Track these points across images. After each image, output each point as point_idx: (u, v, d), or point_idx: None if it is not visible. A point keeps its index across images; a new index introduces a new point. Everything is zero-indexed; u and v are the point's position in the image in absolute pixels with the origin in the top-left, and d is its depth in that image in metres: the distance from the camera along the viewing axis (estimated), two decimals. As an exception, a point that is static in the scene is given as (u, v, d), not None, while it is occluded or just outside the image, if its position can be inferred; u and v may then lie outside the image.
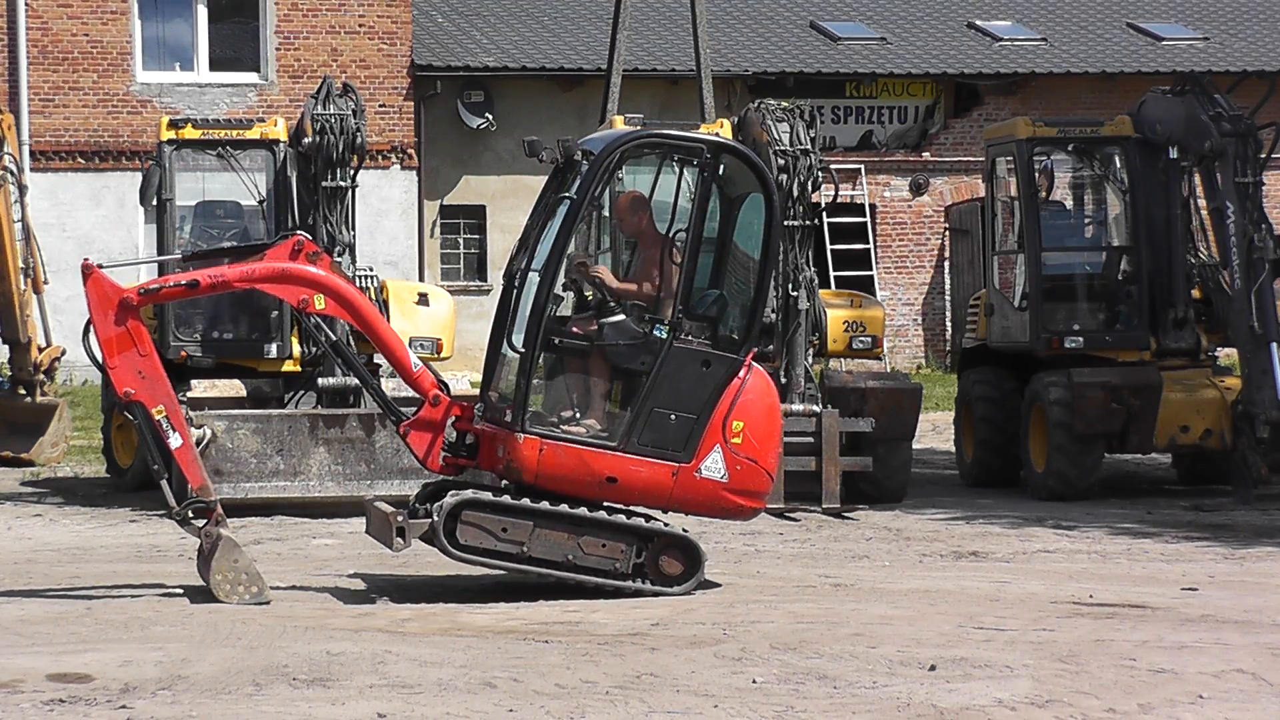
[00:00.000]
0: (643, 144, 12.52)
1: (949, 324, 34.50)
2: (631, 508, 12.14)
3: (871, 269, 33.06)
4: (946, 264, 34.67)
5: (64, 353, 21.93)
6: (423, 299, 18.42)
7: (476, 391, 17.59)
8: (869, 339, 18.14)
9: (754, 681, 9.22)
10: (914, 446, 18.45)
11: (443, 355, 18.26)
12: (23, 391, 21.35)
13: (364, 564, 13.60)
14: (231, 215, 18.73)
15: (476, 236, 33.70)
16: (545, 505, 11.91)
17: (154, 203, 18.20)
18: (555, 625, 10.88)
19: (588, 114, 31.45)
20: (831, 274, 31.51)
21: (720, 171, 12.13)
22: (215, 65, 32.15)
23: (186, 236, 18.54)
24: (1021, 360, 18.93)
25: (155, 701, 8.78)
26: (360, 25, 32.26)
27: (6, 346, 21.36)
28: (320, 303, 12.21)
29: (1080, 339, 18.51)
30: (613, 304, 12.11)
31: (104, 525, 16.49)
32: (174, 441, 12.06)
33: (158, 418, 12.02)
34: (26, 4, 31.28)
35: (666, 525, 12.15)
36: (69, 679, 9.23)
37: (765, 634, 10.50)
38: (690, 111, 28.09)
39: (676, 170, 12.18)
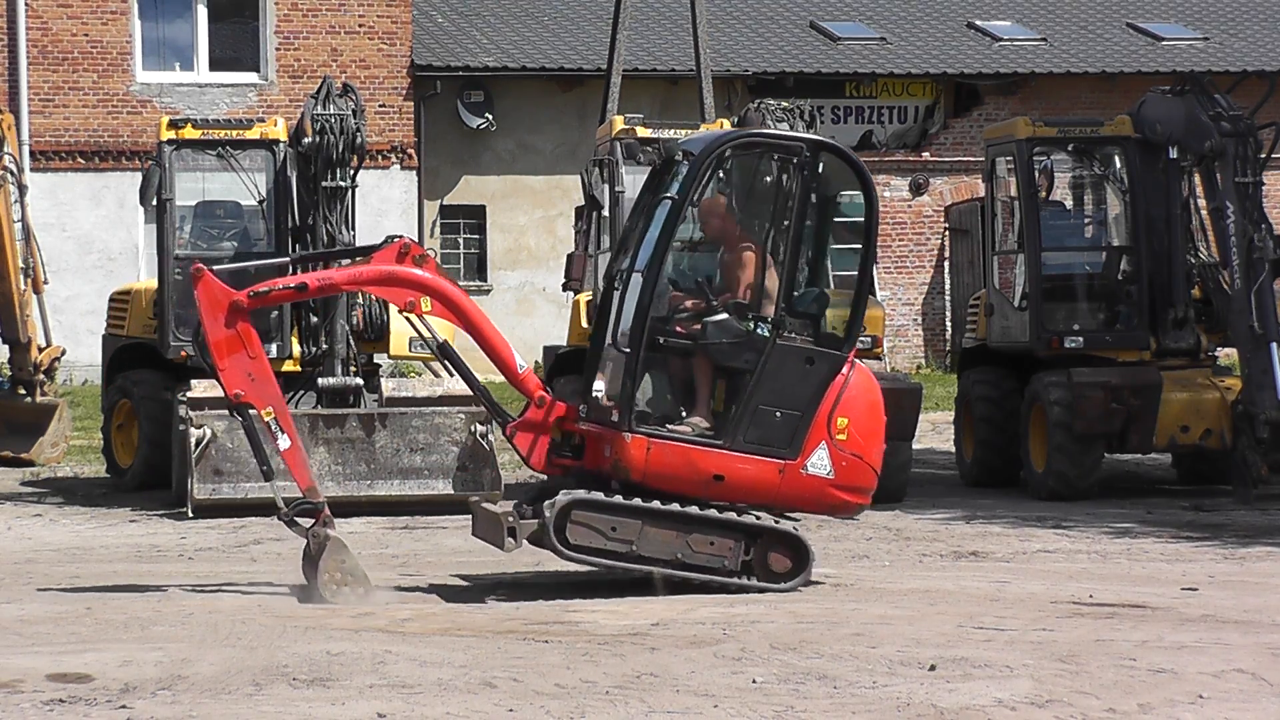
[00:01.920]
0: (743, 143, 12.67)
1: (949, 324, 34.50)
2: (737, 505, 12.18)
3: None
4: (946, 264, 34.69)
5: (64, 353, 21.94)
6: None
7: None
8: (869, 339, 18.10)
9: (754, 681, 9.22)
10: (914, 446, 18.44)
11: (443, 355, 18.25)
12: (23, 391, 21.35)
13: (364, 564, 13.58)
14: (231, 215, 18.72)
15: (476, 236, 33.71)
16: (655, 504, 11.95)
17: (154, 203, 18.19)
18: (555, 625, 10.88)
19: (588, 114, 31.48)
20: (831, 274, 31.45)
21: (819, 169, 12.20)
22: (215, 65, 32.16)
23: (186, 237, 18.54)
24: (1021, 360, 18.93)
25: (155, 701, 8.78)
26: (360, 25, 32.27)
27: (6, 346, 21.36)
28: (426, 305, 12.26)
29: (1080, 339, 18.50)
30: (715, 303, 12.17)
31: (104, 525, 16.49)
32: (283, 443, 12.11)
33: (267, 419, 12.07)
34: (26, 4, 31.29)
35: (775, 522, 12.19)
36: (69, 679, 9.23)
37: (765, 634, 10.50)
38: (690, 111, 28.11)
39: (776, 169, 12.26)
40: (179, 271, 18.10)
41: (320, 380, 17.56)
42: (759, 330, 12.10)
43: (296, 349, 18.05)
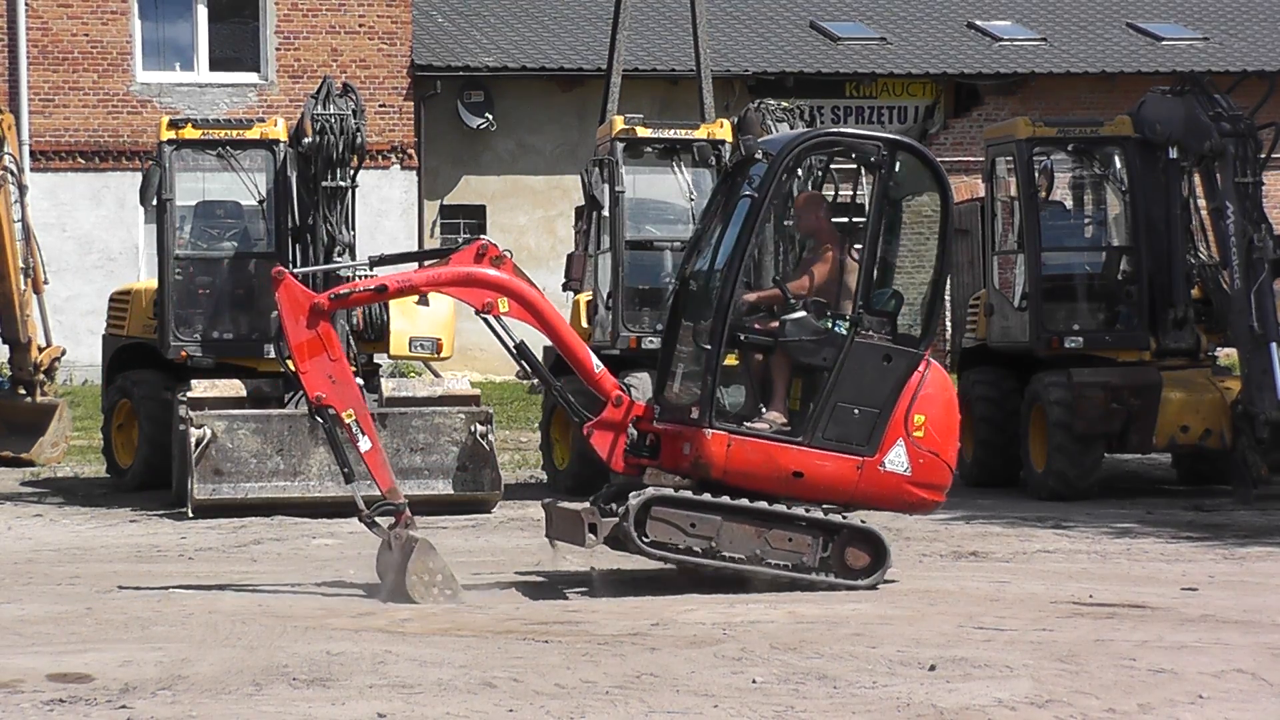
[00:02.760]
0: (822, 143, 12.79)
1: (949, 324, 34.50)
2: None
3: (871, 269, 33.01)
4: (946, 264, 34.64)
5: (64, 353, 21.94)
6: (423, 299, 18.39)
7: (477, 391, 17.66)
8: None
9: (754, 681, 9.22)
10: (914, 446, 18.43)
11: (443, 355, 18.27)
12: (23, 391, 21.35)
13: (364, 564, 13.58)
14: (231, 215, 18.72)
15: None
16: (732, 500, 11.99)
17: (154, 203, 18.19)
18: (555, 625, 10.88)
19: (588, 114, 31.46)
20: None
21: (896, 169, 12.29)
22: (215, 65, 32.16)
23: (186, 237, 18.54)
24: (1021, 360, 18.93)
25: (155, 701, 8.78)
26: (360, 25, 32.27)
27: (6, 346, 21.36)
28: (504, 306, 12.30)
29: (1080, 339, 18.51)
30: (793, 300, 12.22)
31: (104, 525, 16.49)
32: (364, 445, 12.14)
33: (348, 421, 12.09)
34: (26, 4, 31.29)
35: (851, 519, 12.25)
36: (69, 679, 9.23)
37: (765, 634, 10.50)
38: (690, 111, 28.09)
39: (854, 168, 12.37)
40: (179, 271, 18.11)
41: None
42: (837, 328, 12.20)
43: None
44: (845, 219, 12.69)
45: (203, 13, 32.03)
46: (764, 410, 12.33)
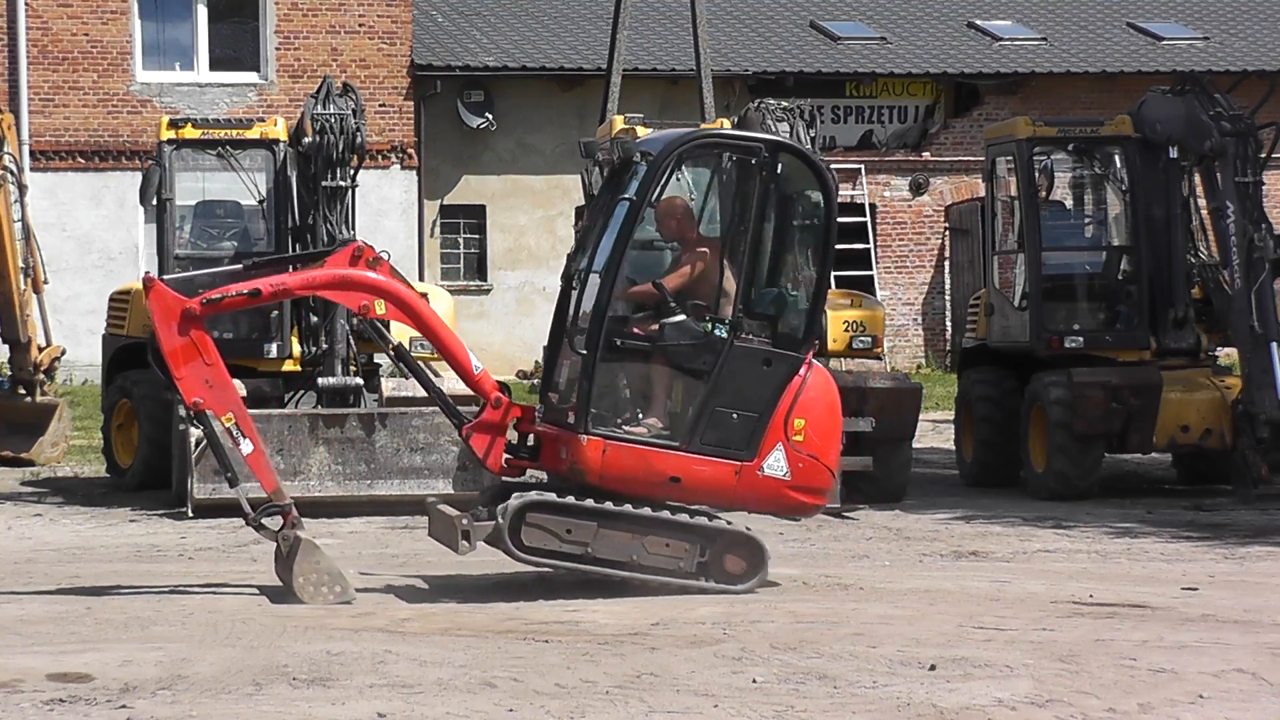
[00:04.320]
0: (701, 144, 12.60)
1: (949, 324, 34.50)
2: (693, 507, 12.17)
3: (871, 269, 33.05)
4: (946, 264, 34.69)
5: (64, 352, 21.93)
6: (423, 299, 18.40)
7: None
8: (869, 339, 18.13)
9: (754, 681, 9.22)
10: (914, 446, 18.45)
11: (443, 355, 18.24)
12: (23, 391, 21.34)
13: (364, 564, 13.60)
14: (231, 215, 18.72)
15: (476, 236, 33.71)
16: (609, 506, 11.94)
17: (154, 202, 18.20)
18: (555, 625, 10.88)
19: (588, 114, 31.47)
20: (831, 274, 31.43)
21: (778, 170, 12.17)
22: (215, 65, 32.16)
23: (186, 236, 18.54)
24: (1021, 360, 18.92)
25: (155, 701, 8.78)
26: (360, 25, 32.27)
27: (6, 346, 21.35)
28: (380, 308, 12.26)
29: (1080, 339, 18.50)
30: (673, 304, 12.14)
31: (104, 525, 16.49)
32: (245, 448, 12.10)
33: (227, 425, 12.06)
34: (26, 4, 31.29)
35: (729, 524, 12.18)
36: (69, 679, 9.23)
37: (765, 634, 10.50)
38: (690, 111, 28.10)
39: (734, 169, 12.22)
40: (179, 272, 18.10)
41: (320, 380, 17.55)
42: (716, 331, 12.06)
43: (296, 349, 18.05)
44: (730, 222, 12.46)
45: (203, 13, 32.03)
46: (641, 415, 12.22)
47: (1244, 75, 31.27)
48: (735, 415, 12.04)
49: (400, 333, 14.70)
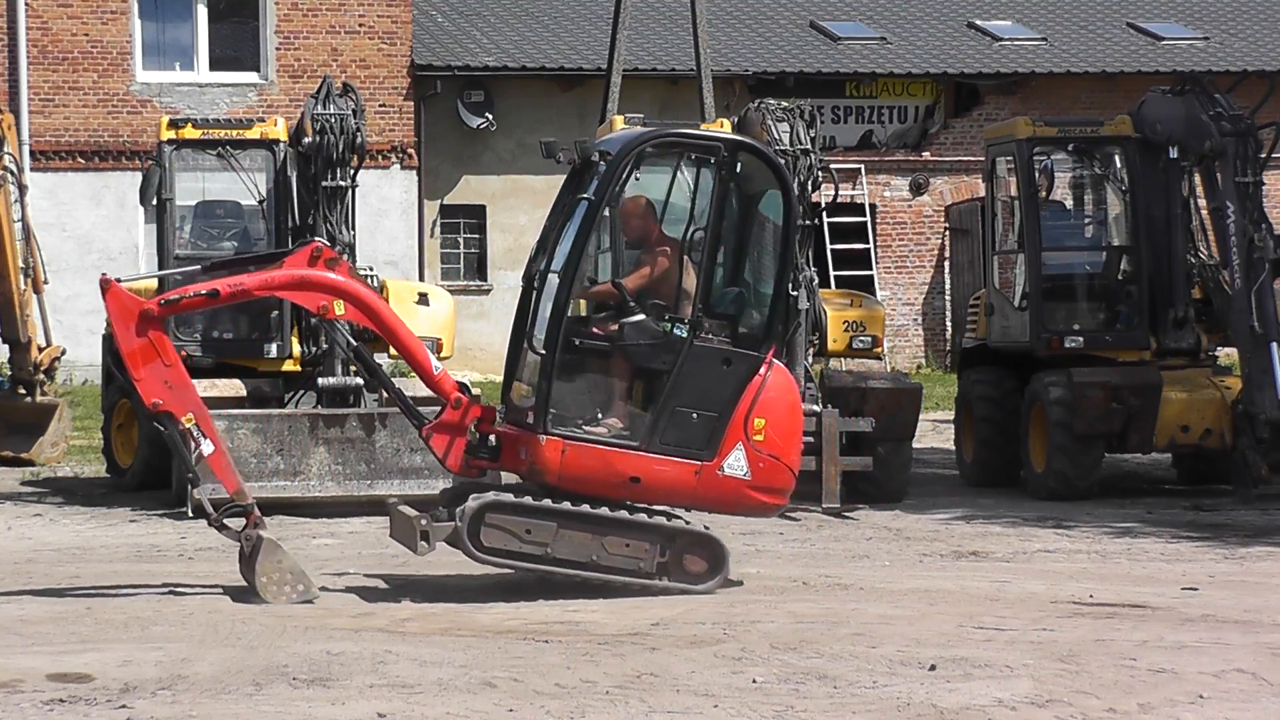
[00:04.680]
0: (660, 144, 12.55)
1: (949, 324, 34.50)
2: (654, 507, 12.16)
3: (871, 269, 33.07)
4: (946, 264, 34.68)
5: (64, 352, 21.93)
6: (423, 299, 18.42)
7: (477, 391, 17.52)
8: (869, 339, 18.14)
9: (754, 681, 9.22)
10: (914, 446, 18.45)
11: (443, 355, 18.24)
12: (23, 391, 21.34)
13: (364, 564, 13.61)
14: (231, 215, 18.72)
15: (476, 236, 33.71)
16: (568, 506, 11.93)
17: (154, 203, 18.20)
18: (555, 625, 10.88)
19: (588, 114, 31.45)
20: (831, 274, 31.50)
21: (737, 169, 12.14)
22: (215, 65, 32.16)
23: (186, 236, 18.54)
24: (1021, 360, 18.92)
25: (155, 701, 8.78)
26: (360, 25, 32.27)
27: (6, 346, 21.36)
28: (340, 308, 12.24)
29: (1080, 339, 18.50)
30: (632, 304, 12.12)
31: (104, 525, 16.49)
32: (206, 448, 12.09)
33: (188, 425, 12.05)
34: (26, 4, 31.29)
35: (689, 523, 12.17)
36: (69, 679, 9.24)
37: (765, 634, 10.50)
38: (690, 111, 28.09)
39: (694, 169, 12.18)
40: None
41: (320, 380, 17.55)
42: (676, 331, 12.04)
43: (296, 349, 18.05)
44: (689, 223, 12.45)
45: (203, 13, 32.02)
46: (601, 415, 12.19)
47: (1244, 75, 31.27)
48: (695, 415, 12.03)
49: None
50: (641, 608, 11.45)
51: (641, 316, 12.11)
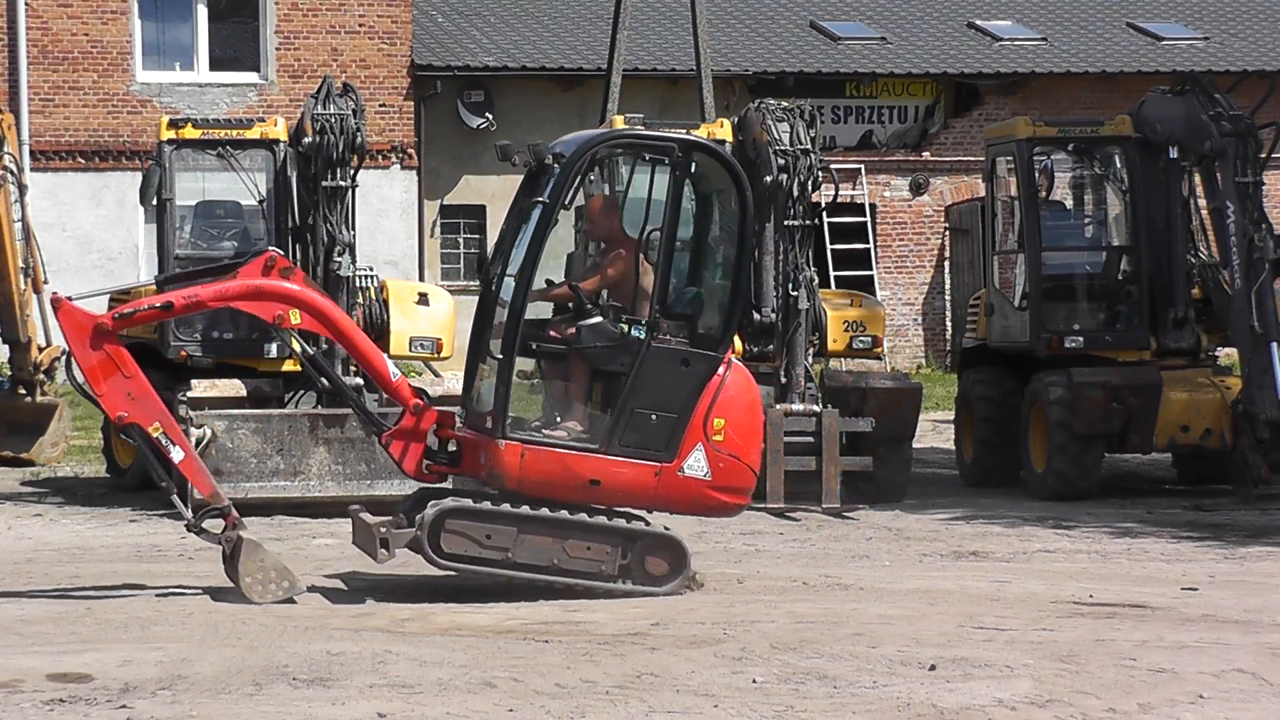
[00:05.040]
0: (614, 145, 12.56)
1: (949, 324, 34.50)
2: (617, 509, 12.14)
3: (871, 269, 33.07)
4: (946, 264, 34.68)
5: (64, 352, 21.90)
6: (423, 299, 18.41)
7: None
8: (869, 339, 18.14)
9: (754, 681, 9.22)
10: (914, 446, 18.45)
11: (443, 355, 18.27)
12: (23, 391, 21.34)
13: (364, 564, 13.58)
14: (231, 215, 18.72)
15: (476, 236, 33.70)
16: (528, 510, 11.90)
17: (154, 203, 18.20)
18: (555, 625, 10.88)
19: (588, 114, 31.44)
20: (831, 274, 31.50)
21: (693, 170, 12.11)
22: (215, 65, 32.15)
23: (187, 236, 18.54)
24: (1021, 360, 18.93)
25: (155, 701, 8.78)
26: (360, 25, 32.26)
27: (6, 346, 21.36)
28: (295, 317, 12.22)
29: (1080, 339, 18.51)
30: (589, 306, 12.09)
31: (104, 525, 16.49)
32: (176, 455, 12.10)
33: (155, 435, 12.04)
34: (26, 4, 31.28)
35: (649, 525, 12.15)
36: (69, 679, 9.24)
37: (765, 634, 10.50)
38: (690, 111, 28.10)
39: (649, 170, 12.16)
40: (179, 271, 18.10)
41: (320, 380, 17.53)
42: (633, 332, 12.01)
43: (297, 349, 18.03)
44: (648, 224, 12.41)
45: (203, 12, 32.02)
46: (560, 418, 12.18)
47: (1244, 75, 31.27)
48: (654, 416, 11.99)
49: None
50: (641, 607, 11.46)
51: (599, 319, 12.07)
